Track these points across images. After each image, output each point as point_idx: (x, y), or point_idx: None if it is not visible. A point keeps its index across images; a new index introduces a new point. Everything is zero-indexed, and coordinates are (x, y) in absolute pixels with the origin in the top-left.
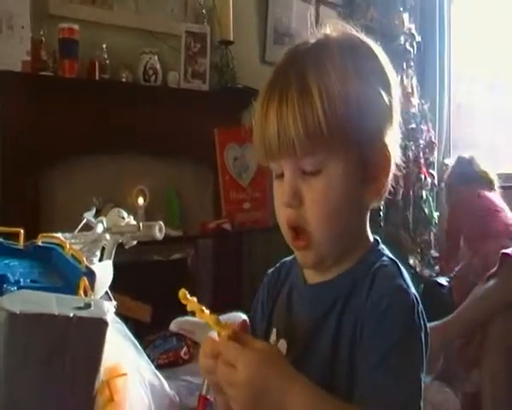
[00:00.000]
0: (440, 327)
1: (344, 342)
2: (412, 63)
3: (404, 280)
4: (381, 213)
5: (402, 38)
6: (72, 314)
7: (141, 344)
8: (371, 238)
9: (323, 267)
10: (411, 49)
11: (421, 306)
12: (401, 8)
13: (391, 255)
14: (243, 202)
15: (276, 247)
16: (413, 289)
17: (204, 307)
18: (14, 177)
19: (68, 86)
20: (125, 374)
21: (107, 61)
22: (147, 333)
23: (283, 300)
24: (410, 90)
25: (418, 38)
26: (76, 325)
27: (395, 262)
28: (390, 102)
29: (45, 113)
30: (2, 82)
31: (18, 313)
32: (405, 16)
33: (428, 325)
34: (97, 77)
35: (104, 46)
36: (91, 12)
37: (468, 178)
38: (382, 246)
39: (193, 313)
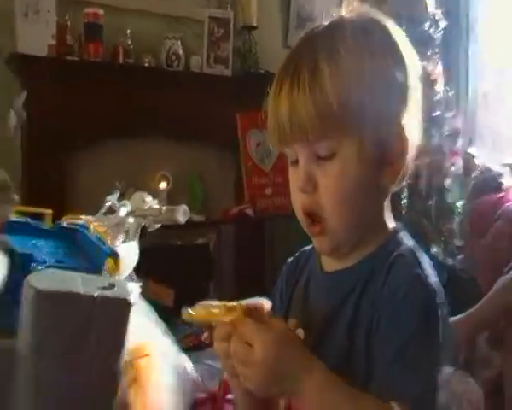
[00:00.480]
0: (464, 320)
1: (360, 332)
2: (437, 49)
3: (423, 270)
4: (404, 201)
5: (427, 24)
6: (96, 294)
7: None
8: (392, 225)
9: (341, 254)
10: (436, 36)
11: (441, 297)
12: None
13: (411, 243)
14: (265, 188)
15: (297, 233)
16: (433, 279)
17: (212, 304)
18: (40, 159)
19: (93, 70)
20: (148, 355)
21: (131, 46)
22: (169, 317)
23: (301, 289)
24: (434, 77)
25: (444, 24)
26: (100, 305)
27: (414, 251)
28: (405, 82)
29: (70, 96)
30: (28, 66)
31: (45, 290)
32: (430, 1)
33: (452, 318)
34: (121, 61)
35: (128, 31)
36: None
37: (492, 189)
38: (403, 233)
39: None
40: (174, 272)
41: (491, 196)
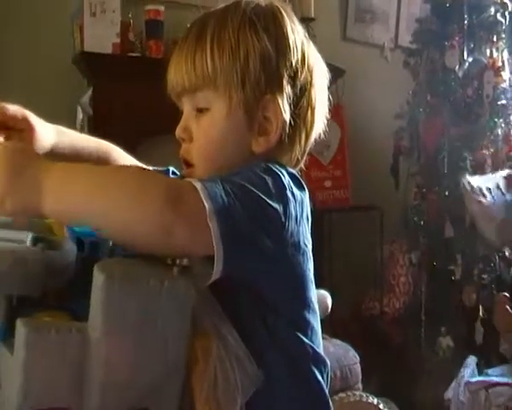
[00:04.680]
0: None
1: None
2: (503, 35)
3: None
4: None
5: (492, 9)
6: (164, 280)
7: None
8: None
9: None
10: (503, 20)
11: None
12: None
13: None
14: (324, 181)
15: (355, 226)
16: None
17: None
18: None
19: (154, 66)
20: (211, 340)
21: None
22: None
23: None
24: (500, 64)
25: (511, 8)
26: (167, 291)
27: None
28: (283, 66)
29: (134, 92)
30: (94, 63)
31: (114, 277)
32: None
33: None
34: None
35: (188, 26)
36: None
37: None
38: None
39: None
40: None
41: None
